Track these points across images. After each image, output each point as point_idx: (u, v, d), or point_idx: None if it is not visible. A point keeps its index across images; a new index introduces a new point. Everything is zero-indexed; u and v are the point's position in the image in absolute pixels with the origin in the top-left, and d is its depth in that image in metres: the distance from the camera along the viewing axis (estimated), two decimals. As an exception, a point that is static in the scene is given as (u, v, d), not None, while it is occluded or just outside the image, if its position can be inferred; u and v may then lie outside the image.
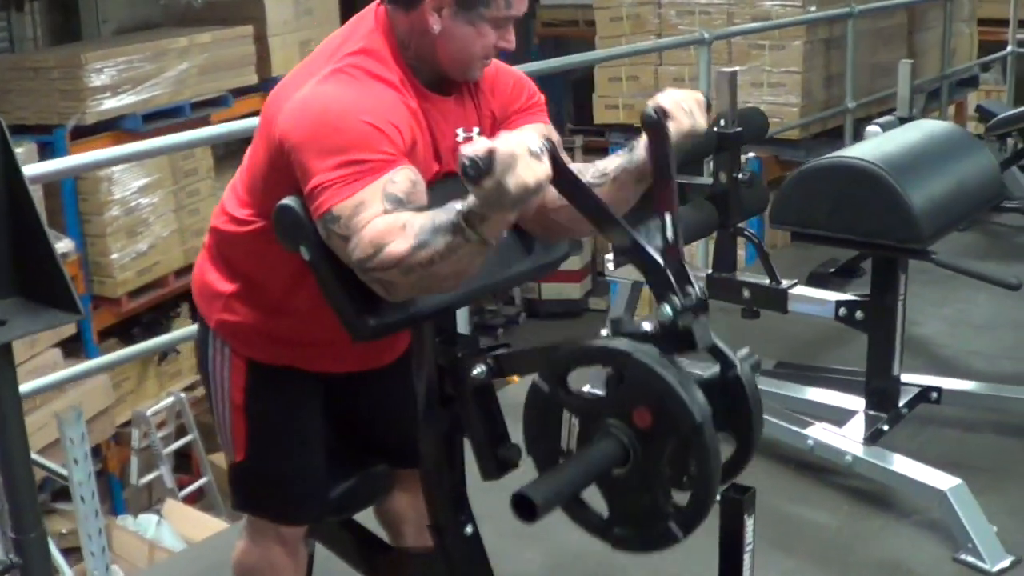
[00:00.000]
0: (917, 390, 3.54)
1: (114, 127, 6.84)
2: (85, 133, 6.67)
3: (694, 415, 1.69)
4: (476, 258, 1.82)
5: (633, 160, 2.04)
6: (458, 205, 1.77)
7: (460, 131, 2.10)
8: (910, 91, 4.45)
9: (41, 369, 5.94)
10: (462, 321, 2.92)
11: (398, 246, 1.81)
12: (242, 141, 8.40)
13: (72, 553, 4.81)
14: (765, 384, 3.63)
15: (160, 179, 7.08)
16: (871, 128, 4.46)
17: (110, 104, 6.76)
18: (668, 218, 1.86)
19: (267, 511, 2.31)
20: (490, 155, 1.68)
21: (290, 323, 2.17)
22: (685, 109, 1.98)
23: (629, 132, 6.70)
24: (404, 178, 1.90)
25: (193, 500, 7.25)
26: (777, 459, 3.47)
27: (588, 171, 2.09)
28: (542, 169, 1.71)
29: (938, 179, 3.08)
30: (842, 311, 3.37)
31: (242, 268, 2.18)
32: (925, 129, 3.43)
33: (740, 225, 3.58)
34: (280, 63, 7.78)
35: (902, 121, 4.55)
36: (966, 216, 3.15)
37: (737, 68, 5.86)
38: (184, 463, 7.67)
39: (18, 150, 5.22)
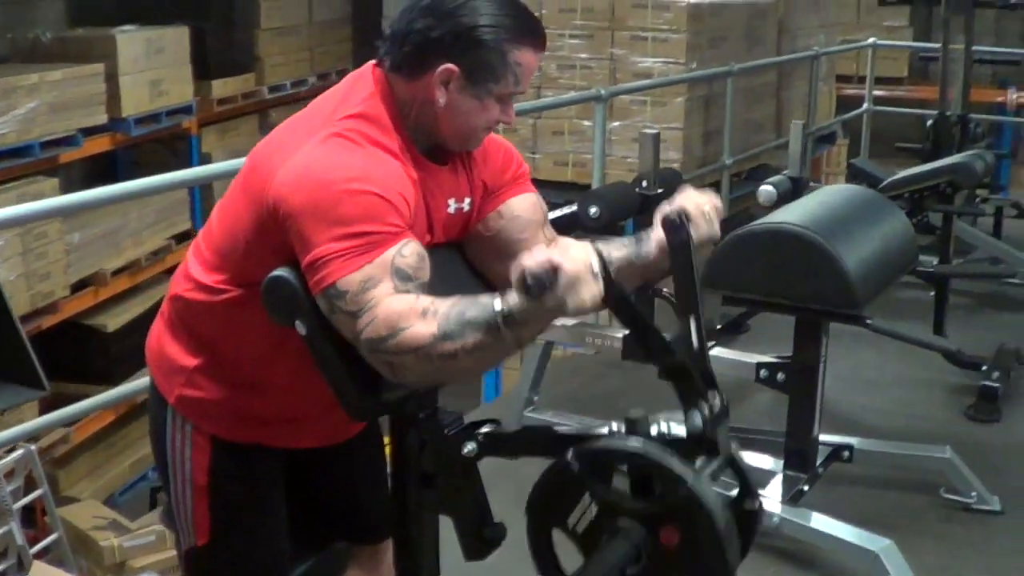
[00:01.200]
0: (830, 449, 3.62)
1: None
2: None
3: (729, 565, 1.73)
4: (504, 356, 1.81)
5: (640, 255, 2.06)
6: (497, 304, 1.74)
7: (452, 201, 2.07)
8: (801, 150, 4.56)
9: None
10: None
11: (419, 331, 1.76)
12: (87, 178, 8.06)
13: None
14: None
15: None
16: (766, 188, 4.56)
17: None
18: (693, 323, 1.89)
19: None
20: (555, 273, 1.67)
21: (262, 399, 2.09)
22: (705, 215, 2.00)
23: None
24: (412, 252, 1.86)
25: (39, 556, 6.89)
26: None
27: None
28: (598, 289, 1.70)
29: (867, 244, 3.16)
30: (763, 373, 3.44)
31: (210, 340, 2.08)
32: (842, 193, 3.53)
33: (657, 287, 3.61)
34: (130, 102, 7.56)
35: (793, 181, 4.68)
36: (891, 280, 3.24)
37: (618, 123, 6.01)
38: (30, 516, 7.30)
39: None
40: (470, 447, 2.01)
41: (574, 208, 3.48)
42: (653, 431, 1.80)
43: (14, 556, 6.55)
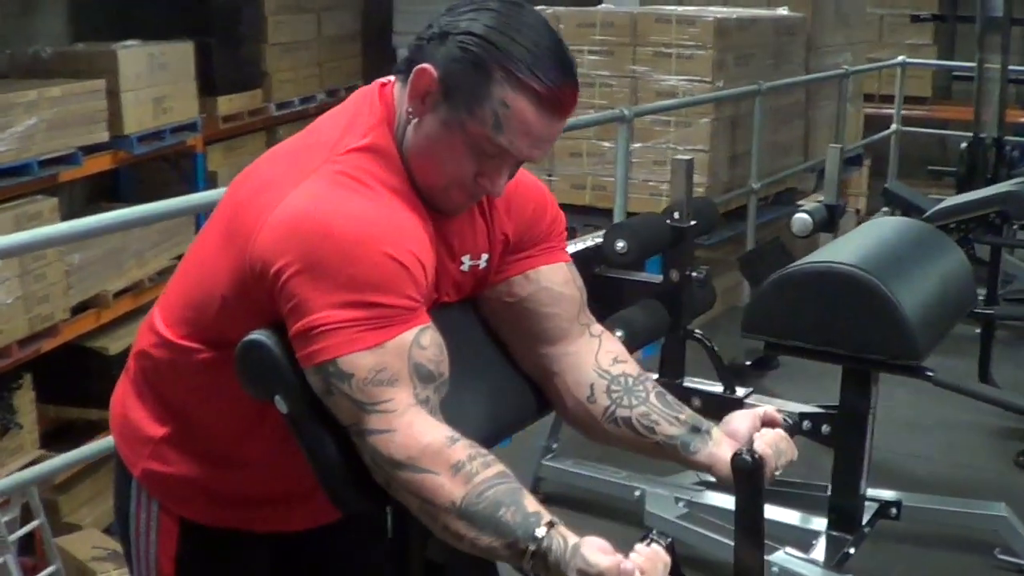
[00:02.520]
0: (877, 505, 3.28)
1: None
2: None
3: None
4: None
5: (689, 448, 1.75)
6: (540, 530, 1.48)
7: (467, 259, 1.73)
8: (838, 176, 4.23)
9: None
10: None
11: (441, 489, 1.49)
12: (89, 197, 7.78)
13: None
14: (719, 500, 3.33)
15: (3, 243, 6.46)
16: (800, 217, 4.24)
17: None
18: None
19: None
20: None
21: (238, 477, 1.76)
22: (780, 450, 1.73)
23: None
24: (432, 342, 1.55)
25: (37, 588, 6.61)
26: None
27: (637, 407, 1.78)
28: None
29: (926, 286, 2.83)
30: (806, 424, 3.08)
31: (179, 406, 1.76)
32: (893, 227, 3.19)
33: (689, 327, 3.28)
34: (133, 120, 7.26)
35: (829, 208, 4.34)
36: (951, 326, 2.90)
37: (639, 145, 5.68)
38: (29, 544, 7.01)
39: None
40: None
41: (599, 241, 3.14)
42: None
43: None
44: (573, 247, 3.27)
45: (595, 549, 1.45)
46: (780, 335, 2.84)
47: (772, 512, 3.26)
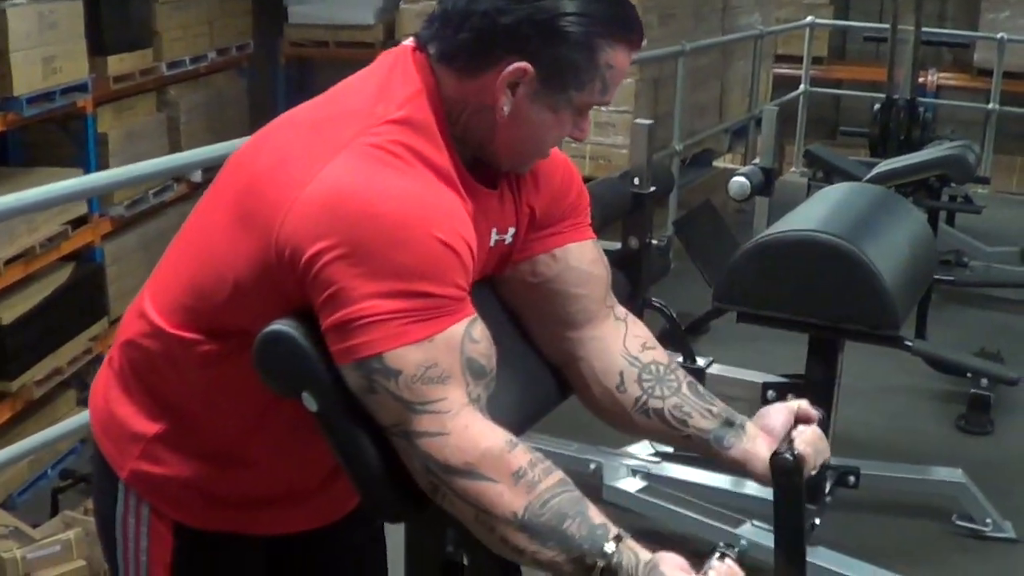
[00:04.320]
0: (836, 475, 3.24)
1: None
2: None
3: None
4: None
5: (723, 444, 1.66)
6: (609, 546, 1.37)
7: (494, 232, 1.60)
8: (775, 139, 4.17)
9: None
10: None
11: (501, 498, 1.37)
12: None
13: None
14: (679, 472, 3.26)
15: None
16: (738, 180, 4.18)
17: None
18: None
19: None
20: None
21: (239, 477, 1.62)
22: (819, 449, 1.65)
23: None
24: (482, 335, 1.42)
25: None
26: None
27: (670, 399, 1.68)
28: None
29: (898, 254, 2.79)
30: (771, 394, 3.04)
31: (174, 402, 1.60)
32: (854, 193, 3.13)
33: (647, 296, 3.20)
34: (22, 81, 6.89)
35: (765, 172, 4.29)
36: (920, 294, 2.85)
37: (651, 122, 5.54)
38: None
39: None
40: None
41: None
42: None
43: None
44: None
45: (674, 567, 1.35)
46: (754, 305, 2.76)
47: (734, 484, 3.24)
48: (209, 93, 8.68)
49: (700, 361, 3.16)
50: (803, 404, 1.71)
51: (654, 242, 3.09)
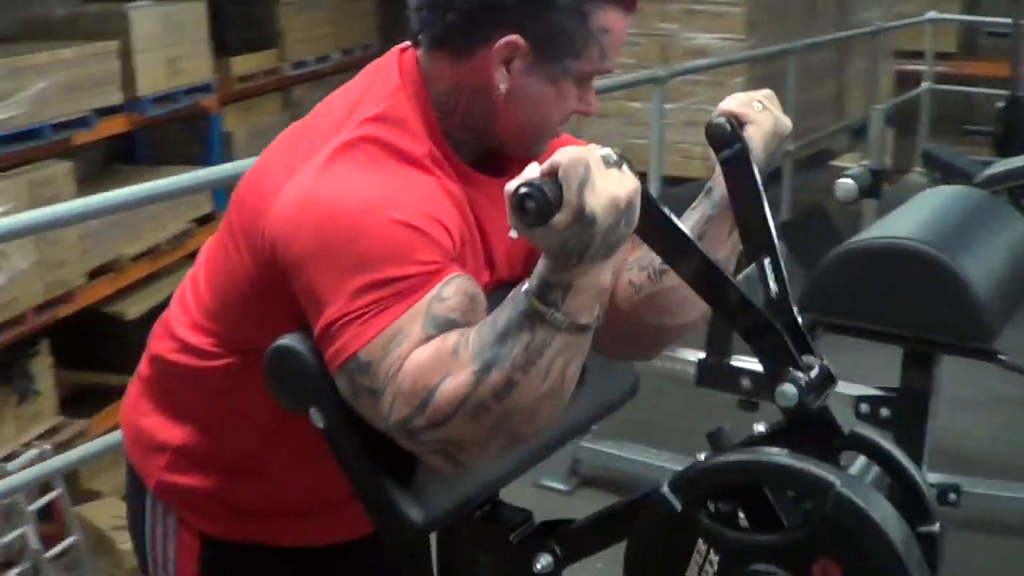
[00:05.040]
0: (935, 492, 3.05)
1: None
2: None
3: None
4: (574, 358, 1.26)
5: (717, 203, 1.53)
6: (523, 287, 1.23)
7: None
8: (882, 139, 3.98)
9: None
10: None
11: (454, 380, 1.24)
12: (104, 159, 7.55)
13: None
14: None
15: (17, 207, 6.26)
16: (844, 182, 3.98)
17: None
18: (768, 264, 1.42)
19: None
20: (553, 173, 1.17)
21: (262, 488, 1.57)
22: (758, 108, 1.49)
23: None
24: (456, 291, 1.32)
25: (57, 559, 6.46)
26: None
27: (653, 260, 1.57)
28: (630, 181, 1.22)
29: (995, 263, 2.59)
30: (864, 408, 2.86)
31: (197, 413, 1.57)
32: (955, 197, 2.94)
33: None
34: (147, 81, 7.02)
35: (873, 173, 4.09)
36: (1019, 304, 2.66)
37: (671, 106, 5.41)
38: (47, 513, 6.87)
39: None
40: (545, 562, 1.47)
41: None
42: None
43: (29, 560, 6.12)
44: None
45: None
46: (839, 315, 2.61)
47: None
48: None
49: (791, 372, 3.01)
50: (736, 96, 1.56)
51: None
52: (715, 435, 1.40)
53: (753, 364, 3.02)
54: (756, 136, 1.49)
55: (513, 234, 1.49)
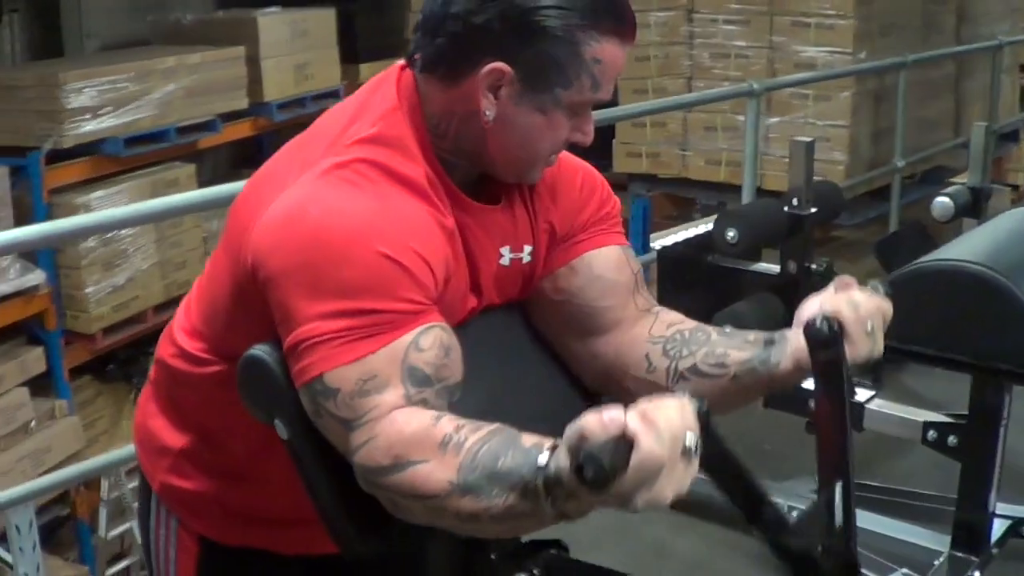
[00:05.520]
0: (1009, 523, 2.92)
1: (93, 151, 6.21)
2: (62, 157, 6.03)
3: None
4: (542, 526, 1.23)
5: (770, 363, 1.45)
6: (542, 457, 1.16)
7: (506, 251, 1.49)
8: (984, 156, 3.83)
9: (6, 410, 5.33)
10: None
11: (432, 474, 1.22)
12: (232, 163, 7.69)
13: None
14: (831, 511, 3.02)
15: (141, 209, 6.45)
16: (941, 201, 3.84)
17: (90, 127, 6.13)
18: (839, 491, 1.35)
19: None
20: (625, 453, 1.07)
21: (258, 495, 1.57)
22: (868, 330, 1.40)
23: (652, 183, 6.08)
24: (433, 344, 1.29)
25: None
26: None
27: (699, 350, 1.50)
28: (690, 474, 1.11)
29: (1068, 290, 2.45)
30: (931, 434, 2.75)
31: (196, 419, 1.58)
32: (1033, 220, 2.80)
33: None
34: (273, 87, 7.17)
35: (973, 192, 3.94)
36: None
37: (777, 119, 5.31)
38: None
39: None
40: (522, 583, 1.44)
41: (709, 229, 2.85)
42: None
43: (136, 555, 6.30)
44: (682, 236, 3.00)
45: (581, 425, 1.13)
46: (900, 339, 2.49)
47: (889, 527, 2.97)
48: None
49: (860, 396, 2.91)
50: (844, 277, 1.47)
51: (813, 267, 2.86)
52: None
53: (822, 386, 2.95)
54: (850, 356, 1.40)
55: (505, 261, 1.48)
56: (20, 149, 6.05)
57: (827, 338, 1.34)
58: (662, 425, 1.09)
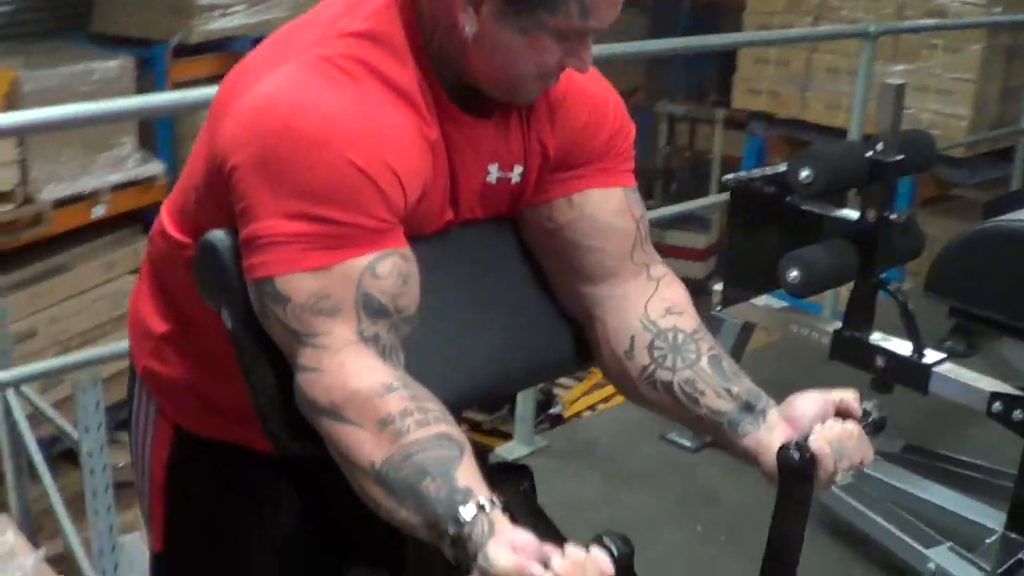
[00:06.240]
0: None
1: (221, 49, 6.23)
2: (188, 52, 6.07)
3: None
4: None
5: (737, 430, 1.38)
6: (465, 512, 1.13)
7: (494, 168, 1.39)
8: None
9: (115, 296, 5.44)
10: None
11: (360, 447, 1.19)
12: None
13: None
14: (887, 474, 2.87)
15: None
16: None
17: (219, 24, 6.14)
18: None
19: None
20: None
21: (231, 387, 1.50)
22: (843, 450, 1.31)
23: (770, 123, 5.86)
24: (392, 270, 1.23)
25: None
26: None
27: (683, 371, 1.41)
28: None
29: None
30: (996, 406, 2.57)
31: (177, 303, 1.53)
32: None
33: (883, 276, 2.79)
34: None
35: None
36: None
37: (902, 67, 5.04)
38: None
39: (113, 63, 4.57)
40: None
41: (784, 169, 2.70)
42: None
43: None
44: (756, 173, 2.85)
45: (505, 543, 1.10)
46: (967, 300, 2.34)
47: (943, 497, 2.81)
48: (615, 29, 8.33)
49: (929, 356, 2.73)
50: (848, 396, 1.38)
51: (893, 217, 2.68)
52: None
53: (893, 343, 2.78)
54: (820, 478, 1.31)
55: (491, 179, 1.39)
56: (147, 42, 6.11)
57: (798, 469, 1.28)
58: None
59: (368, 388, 1.20)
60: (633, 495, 3.17)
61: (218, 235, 1.29)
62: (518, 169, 1.41)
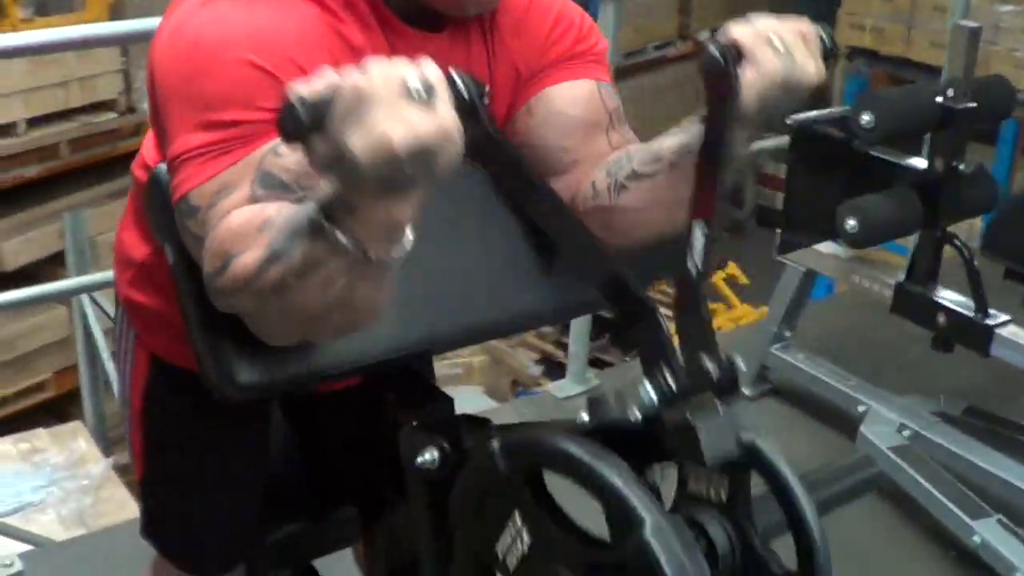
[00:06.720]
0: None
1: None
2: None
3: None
4: (359, 281, 1.04)
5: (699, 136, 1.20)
6: (321, 190, 1.01)
7: None
8: None
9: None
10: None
11: (246, 258, 1.06)
12: None
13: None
14: (943, 436, 2.73)
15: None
16: None
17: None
18: (698, 230, 1.13)
19: (171, 553, 1.66)
20: (327, 95, 0.93)
21: None
22: (775, 46, 1.13)
23: (873, 60, 5.61)
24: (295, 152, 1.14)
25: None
26: (935, 544, 2.62)
27: (637, 156, 1.30)
28: (428, 122, 0.91)
29: None
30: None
31: (153, 232, 1.48)
32: None
33: (950, 229, 2.64)
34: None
35: None
36: None
37: (1010, 8, 4.75)
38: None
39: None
40: (427, 456, 1.30)
41: (846, 112, 2.55)
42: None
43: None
44: (812, 114, 2.70)
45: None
46: (1021, 260, 2.19)
47: (1000, 465, 2.65)
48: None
49: (994, 317, 2.57)
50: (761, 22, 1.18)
51: (961, 167, 2.52)
52: (595, 404, 1.12)
53: (957, 299, 2.63)
54: (753, 82, 1.14)
55: None
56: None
57: (717, 62, 1.11)
58: (370, 66, 0.93)
59: (247, 216, 1.09)
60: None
61: (162, 169, 1.24)
62: (485, 88, 1.32)
